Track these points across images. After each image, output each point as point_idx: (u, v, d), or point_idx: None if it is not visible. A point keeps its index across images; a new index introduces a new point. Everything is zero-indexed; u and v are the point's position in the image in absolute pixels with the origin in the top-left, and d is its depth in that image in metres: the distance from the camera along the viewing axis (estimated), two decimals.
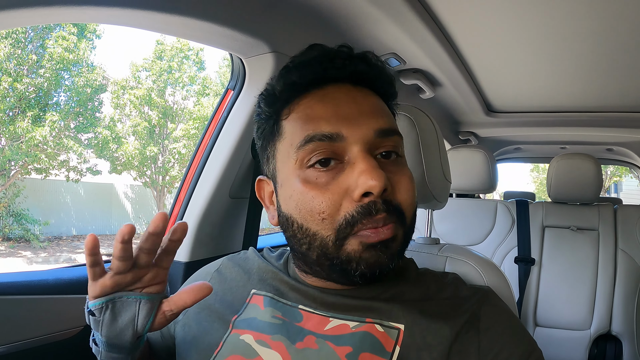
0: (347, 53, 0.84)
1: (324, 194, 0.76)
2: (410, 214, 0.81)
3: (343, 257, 0.76)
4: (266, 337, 0.81)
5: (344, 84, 0.83)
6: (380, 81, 0.87)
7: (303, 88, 0.83)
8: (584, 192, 2.62)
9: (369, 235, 0.75)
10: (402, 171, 0.81)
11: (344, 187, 0.75)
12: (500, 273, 1.07)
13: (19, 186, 13.22)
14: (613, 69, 2.12)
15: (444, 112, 2.95)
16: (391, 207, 0.76)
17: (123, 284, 0.75)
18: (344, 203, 0.75)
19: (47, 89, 12.68)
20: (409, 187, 0.80)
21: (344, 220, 0.75)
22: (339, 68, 0.82)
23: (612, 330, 2.46)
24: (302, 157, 0.78)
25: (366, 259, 0.75)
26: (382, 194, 0.75)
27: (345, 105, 0.79)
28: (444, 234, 2.84)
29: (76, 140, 13.48)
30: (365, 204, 0.74)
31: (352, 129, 0.77)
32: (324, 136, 0.77)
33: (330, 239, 0.76)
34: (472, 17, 1.64)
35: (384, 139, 0.79)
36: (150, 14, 1.11)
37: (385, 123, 0.80)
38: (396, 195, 0.78)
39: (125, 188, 16.91)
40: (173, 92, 16.11)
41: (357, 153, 0.76)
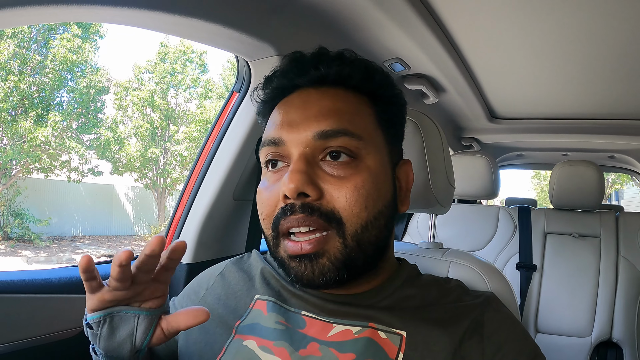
0: (315, 58, 0.85)
1: (265, 195, 0.81)
2: (355, 224, 0.76)
3: (279, 258, 0.80)
4: (269, 343, 0.81)
5: (305, 90, 0.85)
6: (351, 79, 0.84)
7: (274, 98, 0.88)
8: (585, 199, 2.61)
9: (290, 247, 0.76)
10: (349, 175, 0.77)
11: (279, 189, 0.78)
12: (504, 278, 1.07)
13: (20, 186, 13.22)
14: (616, 76, 2.12)
15: (447, 117, 2.95)
16: (317, 211, 0.74)
17: (122, 299, 0.74)
18: (278, 205, 0.78)
19: (50, 89, 12.71)
20: (351, 193, 0.75)
21: (274, 220, 0.78)
22: (301, 75, 0.85)
23: (613, 337, 2.45)
24: (261, 160, 0.84)
25: (293, 268, 0.77)
26: (304, 198, 0.74)
27: (293, 112, 0.82)
28: (446, 239, 2.83)
29: (78, 141, 13.51)
30: (283, 206, 0.76)
31: (292, 134, 0.79)
32: (269, 142, 0.81)
33: (270, 237, 0.80)
34: (477, 23, 1.65)
35: (326, 140, 0.77)
36: (157, 14, 1.11)
37: (329, 125, 0.77)
38: (332, 200, 0.75)
39: (126, 189, 16.92)
40: (176, 94, 16.15)
41: (294, 156, 0.78)
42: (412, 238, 2.87)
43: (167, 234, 1.62)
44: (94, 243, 14.52)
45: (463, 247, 2.78)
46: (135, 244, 15.08)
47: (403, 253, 1.18)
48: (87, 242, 14.59)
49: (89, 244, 14.21)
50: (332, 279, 0.75)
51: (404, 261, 0.98)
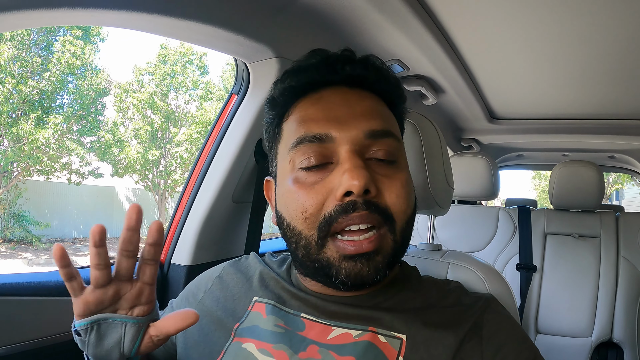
0: (346, 57, 0.85)
1: (309, 194, 0.77)
2: (403, 220, 0.79)
3: (323, 261, 0.77)
4: (268, 345, 0.80)
5: (340, 87, 0.85)
6: (380, 84, 0.87)
7: (300, 92, 0.86)
8: (586, 199, 2.61)
9: (347, 248, 0.75)
10: (396, 175, 0.80)
11: (330, 187, 0.77)
12: (503, 280, 1.07)
13: (21, 188, 13.22)
14: (616, 77, 2.12)
15: (447, 118, 2.95)
16: (376, 209, 0.75)
17: (105, 301, 0.73)
18: (327, 202, 0.76)
19: (51, 92, 12.71)
20: (400, 191, 0.78)
21: (324, 218, 0.76)
22: (335, 72, 0.84)
23: (614, 338, 2.45)
24: (294, 158, 0.80)
25: (346, 269, 0.76)
26: (366, 195, 0.75)
27: (337, 108, 0.81)
28: (446, 240, 2.83)
29: (79, 143, 13.50)
30: (344, 203, 0.75)
31: (341, 130, 0.78)
32: (313, 137, 0.79)
33: (312, 238, 0.77)
34: (476, 24, 1.65)
35: (375, 140, 0.79)
36: (156, 17, 1.11)
37: (378, 125, 0.80)
38: (385, 198, 0.77)
39: (126, 191, 16.91)
40: (176, 96, 16.13)
41: (345, 153, 0.77)
42: (411, 239, 2.87)
43: (166, 236, 1.62)
44: None
45: (463, 248, 2.78)
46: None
47: None
48: (88, 244, 14.57)
49: None
50: (383, 276, 0.77)
51: (404, 263, 0.98)
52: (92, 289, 0.72)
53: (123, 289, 0.74)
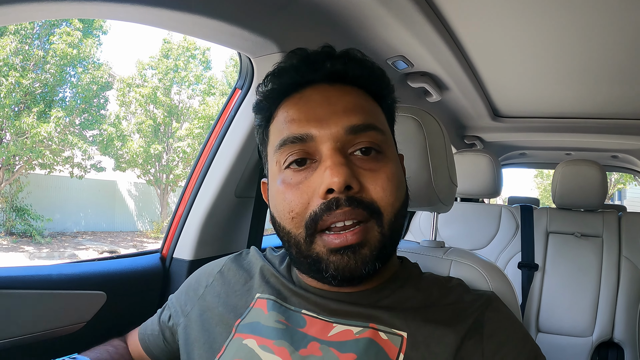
0: (325, 53, 0.86)
1: (294, 193, 0.78)
2: (390, 213, 0.79)
3: (314, 256, 0.78)
4: (269, 342, 0.80)
5: (321, 85, 0.85)
6: (363, 78, 0.87)
7: (283, 93, 0.87)
8: (588, 198, 2.61)
9: (333, 241, 0.75)
10: (381, 168, 0.80)
11: (314, 186, 0.77)
12: (505, 278, 1.07)
13: (23, 182, 13.24)
14: (620, 76, 2.11)
15: (450, 115, 2.94)
16: (359, 204, 0.76)
17: None
18: (311, 201, 0.77)
19: (53, 85, 12.72)
20: (386, 184, 0.78)
21: (309, 217, 0.77)
22: (315, 70, 0.85)
23: (615, 338, 2.45)
24: (279, 159, 0.82)
25: (334, 262, 0.76)
26: (348, 191, 0.75)
27: (317, 106, 0.82)
28: (448, 238, 2.83)
29: (81, 136, 13.53)
30: (327, 201, 0.75)
31: (322, 129, 0.79)
32: (295, 138, 0.80)
33: (301, 236, 0.78)
34: (481, 22, 1.64)
35: (357, 135, 0.79)
36: (160, 11, 1.11)
37: (358, 119, 0.80)
38: (370, 193, 0.77)
39: (129, 186, 16.94)
40: (179, 90, 16.15)
41: (326, 151, 0.78)
42: (414, 236, 2.87)
43: (168, 230, 1.62)
44: (96, 239, 14.54)
45: (465, 245, 2.78)
46: (138, 240, 15.10)
47: (405, 251, 1.18)
48: (90, 238, 14.61)
49: (91, 240, 14.23)
50: (371, 269, 0.77)
51: (405, 260, 0.98)
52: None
53: None
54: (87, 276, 1.30)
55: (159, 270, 1.54)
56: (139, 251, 1.66)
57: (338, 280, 0.78)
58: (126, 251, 13.13)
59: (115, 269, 1.39)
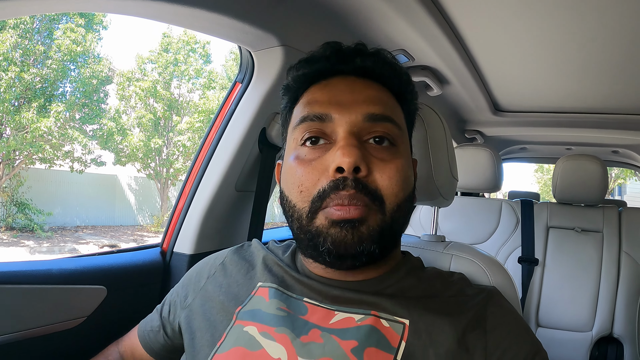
0: (357, 50, 0.89)
1: (306, 169, 0.81)
2: (393, 203, 0.80)
3: (313, 230, 0.79)
4: (270, 329, 0.81)
5: (348, 77, 0.89)
6: (388, 78, 0.90)
7: (311, 79, 0.91)
8: (589, 193, 2.61)
9: (334, 212, 0.77)
10: (391, 159, 0.81)
11: (325, 164, 0.79)
12: (506, 272, 1.07)
13: (23, 176, 13.25)
14: (621, 71, 2.11)
15: (451, 110, 2.94)
16: (365, 188, 0.77)
17: None
18: (321, 178, 0.79)
19: (53, 80, 12.71)
20: (393, 174, 0.80)
21: (317, 193, 0.78)
22: (344, 62, 0.89)
23: (614, 333, 2.45)
24: (297, 136, 0.85)
25: (332, 235, 0.77)
26: (357, 174, 0.77)
27: (341, 93, 0.85)
28: (449, 232, 2.83)
29: (81, 131, 13.53)
30: (335, 179, 0.77)
31: (341, 112, 0.82)
32: (315, 116, 0.83)
33: (304, 210, 0.80)
34: (482, 15, 1.64)
35: (373, 123, 0.82)
36: (159, 4, 1.11)
37: (377, 109, 0.83)
38: (376, 179, 0.79)
39: (129, 180, 16.95)
40: (179, 84, 16.14)
41: (342, 133, 0.80)
42: (414, 231, 2.87)
43: (169, 224, 1.62)
44: (96, 233, 14.56)
45: (465, 240, 2.78)
46: (138, 234, 15.11)
47: (406, 245, 1.18)
48: (90, 232, 14.62)
49: (92, 234, 14.25)
50: (366, 249, 0.77)
51: (408, 254, 0.99)
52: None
53: None
54: (87, 271, 1.30)
55: (160, 264, 1.54)
56: (139, 245, 1.66)
57: (333, 256, 0.79)
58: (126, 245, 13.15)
59: (116, 264, 1.39)
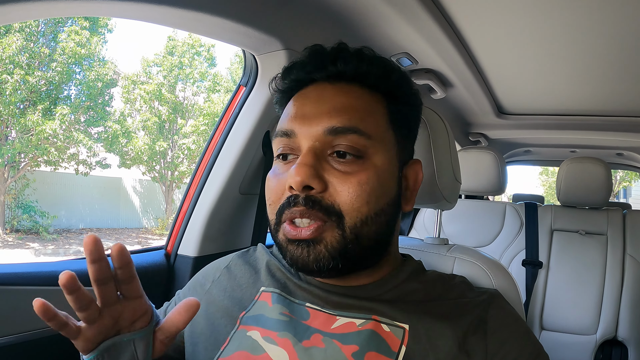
0: (334, 52, 0.86)
1: (273, 183, 0.83)
2: (354, 217, 0.77)
3: (278, 242, 0.83)
4: (273, 333, 0.81)
5: (321, 84, 0.87)
6: (365, 76, 0.86)
7: (292, 89, 0.90)
8: (593, 196, 2.60)
9: (289, 231, 0.78)
10: (355, 173, 0.78)
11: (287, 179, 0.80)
12: (509, 275, 1.07)
13: (29, 178, 13.28)
14: (625, 73, 2.10)
15: (455, 113, 2.94)
16: (316, 204, 0.76)
17: (104, 330, 0.71)
18: (284, 193, 0.80)
19: (58, 83, 12.75)
20: (355, 189, 0.77)
21: (279, 207, 0.80)
22: (318, 69, 0.87)
23: (618, 336, 2.44)
24: (274, 150, 0.87)
25: (290, 251, 0.79)
26: (309, 191, 0.77)
27: (308, 105, 0.84)
28: (453, 235, 2.83)
29: (86, 133, 13.56)
30: (288, 196, 0.79)
31: (304, 127, 0.81)
32: (282, 132, 0.84)
33: (273, 222, 0.83)
34: (485, 18, 1.64)
35: (336, 136, 0.79)
36: (164, 8, 1.11)
37: (340, 122, 0.79)
38: (332, 194, 0.77)
39: (134, 182, 16.97)
40: (183, 87, 16.17)
41: (303, 149, 0.80)
42: (418, 233, 2.87)
43: (173, 227, 1.63)
44: (101, 235, 14.51)
45: (469, 243, 2.78)
46: (142, 237, 15.12)
47: (408, 248, 1.18)
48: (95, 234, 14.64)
49: None
50: (325, 266, 0.77)
51: (409, 257, 0.99)
52: (87, 326, 0.69)
53: (116, 312, 0.72)
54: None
55: (164, 266, 1.55)
56: (143, 248, 1.66)
57: (296, 269, 0.82)
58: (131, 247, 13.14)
59: None
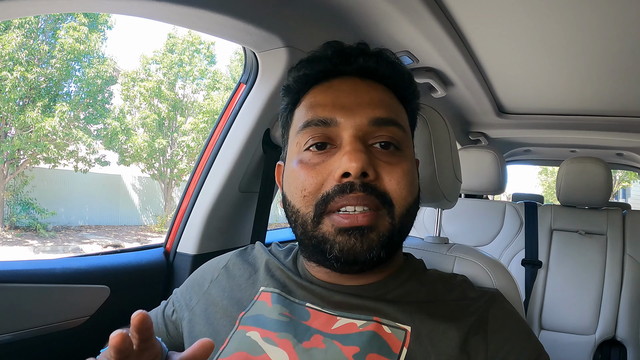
0: (359, 50, 0.88)
1: (309, 173, 0.80)
2: (403, 207, 0.80)
3: (319, 236, 0.79)
4: (273, 334, 0.81)
5: (351, 78, 0.88)
6: (392, 78, 0.89)
7: (313, 80, 0.89)
8: (593, 196, 2.60)
9: (342, 220, 0.76)
10: (398, 163, 0.81)
11: (330, 169, 0.79)
12: (509, 275, 1.07)
13: (28, 176, 13.27)
14: (625, 73, 2.10)
15: (455, 111, 2.94)
16: (374, 192, 0.77)
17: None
18: (326, 183, 0.79)
19: (58, 80, 12.74)
20: (401, 178, 0.80)
21: (322, 197, 0.78)
22: (347, 63, 0.87)
23: (617, 336, 2.45)
24: (301, 140, 0.84)
25: (340, 243, 0.77)
26: (364, 178, 0.77)
27: (344, 96, 0.84)
28: (452, 234, 2.83)
29: (85, 131, 13.54)
30: (342, 184, 0.77)
31: (346, 116, 0.81)
32: (319, 121, 0.82)
33: (309, 215, 0.80)
34: (486, 18, 1.64)
35: (379, 127, 0.81)
36: (165, 5, 1.11)
37: (382, 113, 0.82)
38: (384, 183, 0.79)
39: (133, 180, 16.96)
40: (183, 85, 16.15)
41: (348, 138, 0.80)
42: (418, 232, 2.87)
43: (172, 225, 1.63)
44: (100, 233, 14.58)
45: (469, 242, 2.78)
46: (142, 234, 15.12)
47: (409, 247, 1.18)
48: (94, 231, 14.64)
49: (95, 234, 14.27)
50: (376, 255, 0.77)
51: (411, 256, 0.99)
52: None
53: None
54: (90, 270, 1.30)
55: (163, 264, 1.55)
56: (142, 245, 1.66)
57: (341, 263, 0.79)
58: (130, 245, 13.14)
59: (119, 263, 1.40)
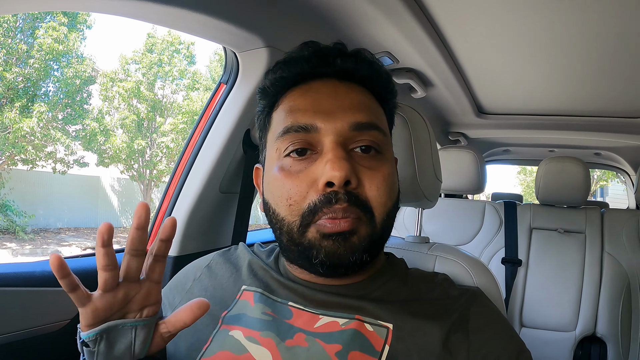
0: (338, 50, 0.87)
1: (293, 182, 0.79)
2: (382, 213, 0.80)
3: (305, 243, 0.78)
4: (256, 333, 0.81)
5: (330, 80, 0.86)
6: (370, 79, 0.88)
7: (290, 83, 0.88)
8: (571, 195, 2.64)
9: (326, 225, 0.76)
10: (378, 168, 0.81)
11: (313, 176, 0.78)
12: (489, 273, 1.08)
13: (5, 177, 13.08)
14: (603, 74, 2.13)
15: (435, 112, 2.95)
16: (356, 201, 0.77)
17: (115, 305, 0.69)
18: (310, 191, 0.78)
19: (36, 80, 12.57)
20: (381, 184, 0.80)
21: (308, 207, 0.77)
22: (326, 64, 0.86)
23: (597, 332, 2.48)
24: (281, 146, 0.82)
25: (325, 248, 0.77)
26: (347, 186, 0.76)
27: (324, 99, 0.82)
28: (433, 233, 2.84)
29: (64, 131, 13.37)
30: (326, 193, 0.76)
31: (327, 122, 0.80)
32: (299, 127, 0.80)
33: (295, 224, 0.79)
34: (466, 19, 1.65)
35: (360, 132, 0.81)
36: (144, 4, 1.10)
37: (363, 117, 0.81)
38: (365, 190, 0.79)
39: (112, 181, 16.80)
40: (162, 85, 16.02)
41: (329, 144, 0.79)
42: (398, 232, 2.87)
43: (152, 226, 1.61)
44: (79, 235, 14.42)
45: (449, 241, 2.78)
46: (121, 237, 14.97)
47: (390, 247, 1.18)
48: (72, 234, 14.48)
49: (74, 236, 14.11)
50: (358, 258, 0.77)
51: (392, 256, 0.99)
52: (101, 293, 0.68)
53: (132, 291, 0.71)
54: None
55: None
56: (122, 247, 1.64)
57: (326, 267, 0.78)
58: None
59: None
